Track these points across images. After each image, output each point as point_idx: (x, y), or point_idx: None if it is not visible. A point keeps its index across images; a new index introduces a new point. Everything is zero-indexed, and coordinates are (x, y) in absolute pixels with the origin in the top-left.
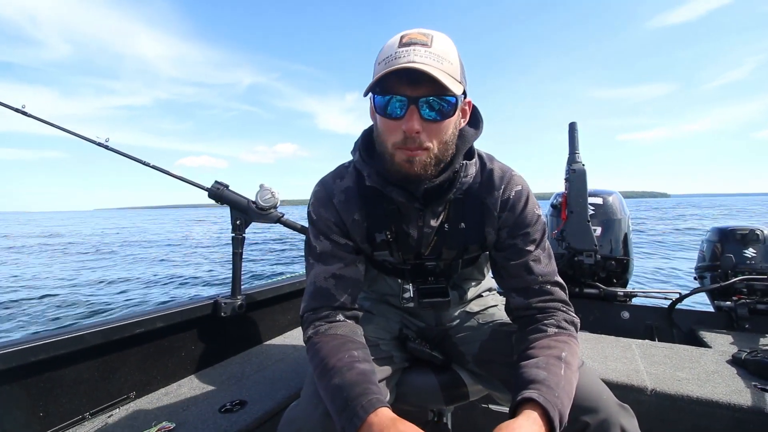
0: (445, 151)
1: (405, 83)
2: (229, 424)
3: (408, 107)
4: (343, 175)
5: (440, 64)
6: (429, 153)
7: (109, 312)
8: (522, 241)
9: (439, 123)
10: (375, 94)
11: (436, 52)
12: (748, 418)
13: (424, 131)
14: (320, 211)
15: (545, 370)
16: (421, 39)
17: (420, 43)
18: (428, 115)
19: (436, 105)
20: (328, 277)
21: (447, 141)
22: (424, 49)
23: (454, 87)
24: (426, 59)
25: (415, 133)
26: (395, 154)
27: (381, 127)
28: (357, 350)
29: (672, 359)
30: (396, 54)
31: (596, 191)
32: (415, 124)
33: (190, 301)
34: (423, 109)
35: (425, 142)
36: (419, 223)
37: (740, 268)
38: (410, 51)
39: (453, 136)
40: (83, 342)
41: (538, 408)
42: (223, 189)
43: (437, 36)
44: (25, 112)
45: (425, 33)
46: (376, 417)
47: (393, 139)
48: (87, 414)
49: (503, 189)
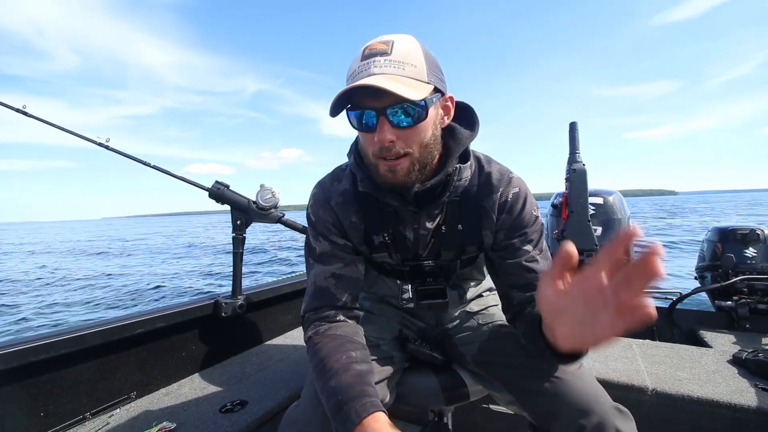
0: (428, 154)
1: (370, 96)
2: (229, 424)
3: (378, 119)
4: (340, 177)
5: (401, 70)
6: (410, 159)
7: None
8: (519, 241)
9: (413, 128)
10: (347, 110)
11: (396, 58)
12: (749, 418)
13: (400, 139)
14: (319, 213)
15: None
16: (380, 48)
17: (379, 53)
18: (400, 122)
19: (405, 111)
20: (328, 277)
21: (428, 143)
22: (384, 58)
23: (417, 91)
24: (385, 68)
25: (389, 143)
26: (378, 165)
27: (361, 140)
28: (355, 351)
29: (672, 359)
30: (359, 68)
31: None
32: (387, 134)
33: (190, 301)
34: (392, 118)
35: (404, 149)
36: (414, 225)
37: (741, 268)
38: (370, 63)
39: (434, 137)
40: (84, 342)
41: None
42: (223, 189)
43: (399, 40)
44: (26, 112)
45: (386, 41)
46: (369, 422)
47: (372, 150)
48: (88, 414)
49: (501, 191)
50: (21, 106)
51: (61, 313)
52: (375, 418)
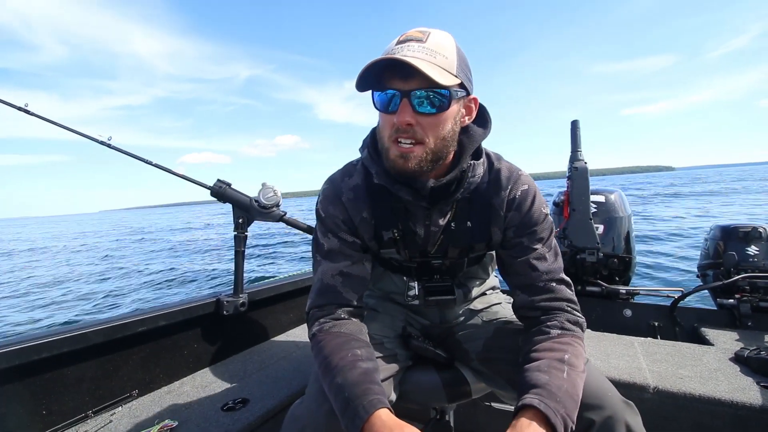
0: (443, 148)
1: (397, 77)
2: (231, 422)
3: (401, 100)
4: (351, 172)
5: (432, 58)
6: (425, 148)
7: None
8: (528, 240)
9: (433, 116)
10: (374, 90)
11: (429, 46)
12: (750, 416)
13: (419, 125)
14: (329, 209)
15: (547, 374)
16: (416, 36)
17: (415, 39)
18: (421, 109)
19: (428, 98)
20: (335, 275)
21: (445, 137)
22: (418, 44)
23: (444, 79)
24: (418, 53)
25: (406, 126)
26: (390, 149)
27: (380, 121)
28: (360, 348)
29: (674, 357)
30: (392, 51)
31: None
32: (406, 116)
33: (192, 299)
34: (415, 102)
35: (420, 136)
36: (426, 221)
37: (743, 266)
38: (404, 47)
39: (452, 132)
40: (86, 340)
41: (538, 414)
42: (225, 187)
43: (435, 32)
44: (28, 110)
45: (423, 30)
46: (376, 419)
47: (389, 132)
48: (90, 412)
49: (510, 189)
50: (23, 104)
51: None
52: (382, 415)
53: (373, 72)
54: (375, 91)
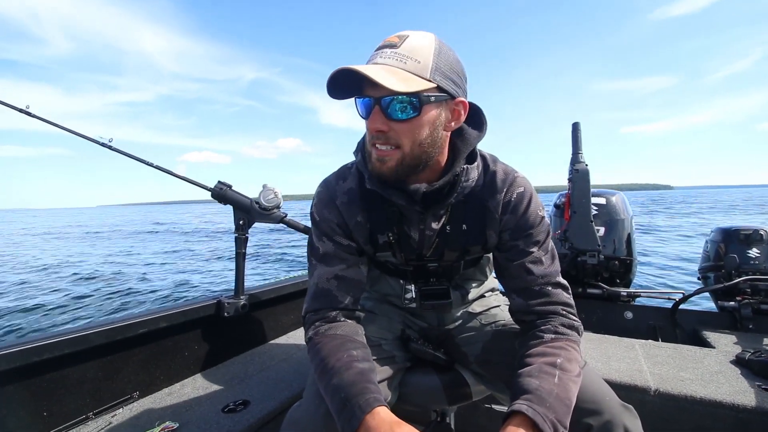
0: (421, 153)
1: (369, 85)
2: (232, 424)
3: (373, 107)
4: (345, 176)
5: (402, 63)
6: (400, 153)
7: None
8: (524, 243)
9: (406, 122)
10: (355, 97)
11: (402, 51)
12: (751, 419)
13: (392, 130)
14: (323, 213)
15: (537, 379)
16: (392, 41)
17: (389, 45)
18: (394, 115)
19: (398, 104)
20: (331, 278)
21: (422, 142)
22: (391, 50)
23: (408, 85)
24: (388, 60)
25: (378, 132)
26: (371, 153)
27: (366, 127)
28: (356, 350)
29: (675, 359)
30: (370, 57)
31: (599, 191)
32: (377, 123)
33: (193, 301)
34: (387, 109)
35: (395, 141)
36: (420, 225)
37: (744, 269)
38: (378, 54)
39: (432, 138)
40: (87, 342)
41: (526, 420)
42: (226, 189)
43: (414, 35)
44: (30, 112)
45: (401, 35)
46: (374, 417)
47: (369, 137)
48: (90, 414)
49: (505, 191)
50: (24, 106)
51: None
52: (379, 413)
53: (353, 80)
54: (356, 98)
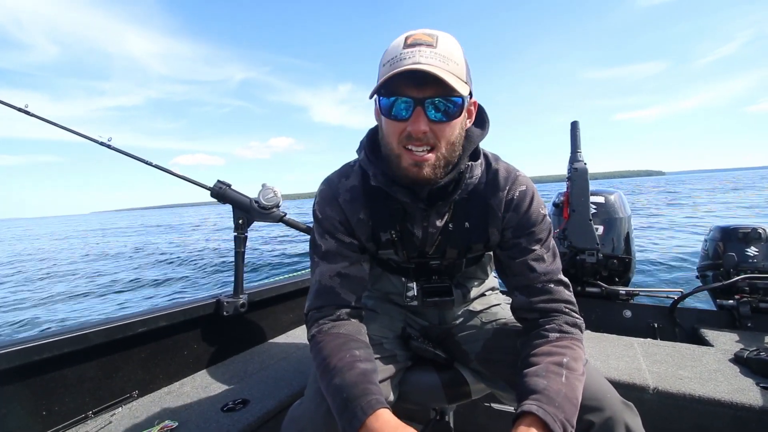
0: (452, 152)
1: (411, 85)
2: (231, 422)
3: (414, 108)
4: (348, 174)
5: (446, 65)
6: (437, 154)
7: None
8: (526, 240)
9: (445, 124)
10: (380, 96)
11: (441, 52)
12: (750, 417)
13: (431, 132)
14: (325, 210)
15: (545, 379)
16: (426, 40)
17: (425, 44)
18: (435, 117)
19: (442, 106)
20: (333, 276)
21: (454, 142)
22: (429, 49)
23: (461, 87)
24: (432, 60)
25: (421, 134)
26: (402, 157)
27: (386, 128)
28: (359, 349)
29: (674, 358)
30: (401, 55)
31: (598, 190)
32: (421, 125)
33: (192, 300)
34: (429, 111)
35: (433, 143)
36: (424, 223)
37: (742, 267)
38: (415, 52)
39: (459, 137)
40: (86, 341)
41: (537, 421)
42: (225, 188)
43: (442, 36)
44: (28, 111)
45: (430, 33)
46: (376, 419)
47: (397, 139)
48: (90, 413)
49: (508, 189)
50: (23, 105)
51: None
52: (381, 415)
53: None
54: (382, 96)
